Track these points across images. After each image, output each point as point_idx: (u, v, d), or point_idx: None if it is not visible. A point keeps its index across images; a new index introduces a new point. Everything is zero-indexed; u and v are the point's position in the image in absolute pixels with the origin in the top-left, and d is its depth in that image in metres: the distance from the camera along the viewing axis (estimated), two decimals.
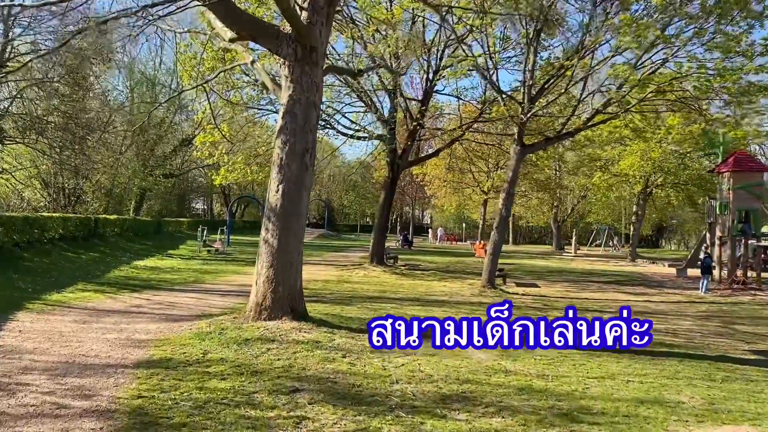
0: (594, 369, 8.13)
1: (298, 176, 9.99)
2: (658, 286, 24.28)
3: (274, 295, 9.74)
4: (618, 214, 57.50)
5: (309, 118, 10.06)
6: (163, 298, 14.06)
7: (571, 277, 26.91)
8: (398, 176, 27.29)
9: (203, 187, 65.96)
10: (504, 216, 18.88)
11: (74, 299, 12.88)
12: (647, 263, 38.56)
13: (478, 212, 49.82)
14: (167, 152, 47.13)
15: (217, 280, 18.93)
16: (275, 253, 9.83)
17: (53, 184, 35.83)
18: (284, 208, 9.89)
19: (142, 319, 10.86)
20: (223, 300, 14.20)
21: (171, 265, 23.23)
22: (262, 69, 11.83)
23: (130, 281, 17.35)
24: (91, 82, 33.66)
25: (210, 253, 29.99)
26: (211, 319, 10.37)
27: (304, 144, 10.01)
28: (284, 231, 9.89)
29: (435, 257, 35.91)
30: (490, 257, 18.91)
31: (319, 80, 10.25)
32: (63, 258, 20.26)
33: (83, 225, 24.42)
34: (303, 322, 9.59)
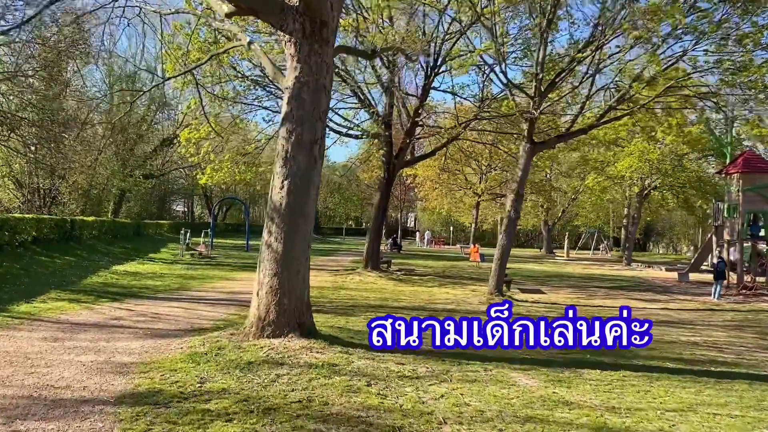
0: (664, 397, 6.90)
1: (306, 171, 8.66)
2: (665, 291, 23.29)
3: (279, 308, 8.39)
4: (606, 218, 56.83)
5: (318, 104, 8.74)
6: (147, 308, 12.61)
7: (572, 282, 25.84)
8: (394, 176, 26.02)
9: (184, 189, 64.20)
10: (513, 218, 17.68)
11: (45, 310, 11.41)
12: (642, 267, 37.73)
13: (470, 215, 48.65)
14: (148, 152, 45.46)
15: (203, 287, 17.49)
16: (280, 259, 8.48)
17: (28, 184, 34.07)
18: (290, 208, 8.55)
19: (124, 334, 9.44)
20: (214, 310, 12.78)
21: (153, 269, 21.72)
22: (262, 51, 10.47)
23: (109, 288, 15.85)
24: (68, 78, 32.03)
25: (193, 257, 28.53)
26: (204, 335, 8.99)
27: (312, 133, 8.69)
28: (290, 234, 8.55)
29: (428, 261, 34.67)
30: (497, 262, 17.70)
31: (330, 60, 8.92)
32: (36, 263, 18.70)
33: (58, 227, 22.84)
34: (312, 340, 8.25)
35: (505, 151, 29.35)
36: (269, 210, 8.73)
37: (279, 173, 8.64)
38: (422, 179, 42.11)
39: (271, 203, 8.69)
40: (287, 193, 8.56)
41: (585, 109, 19.58)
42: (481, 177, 39.59)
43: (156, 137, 47.61)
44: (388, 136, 23.23)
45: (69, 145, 30.83)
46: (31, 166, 32.29)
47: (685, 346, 11.29)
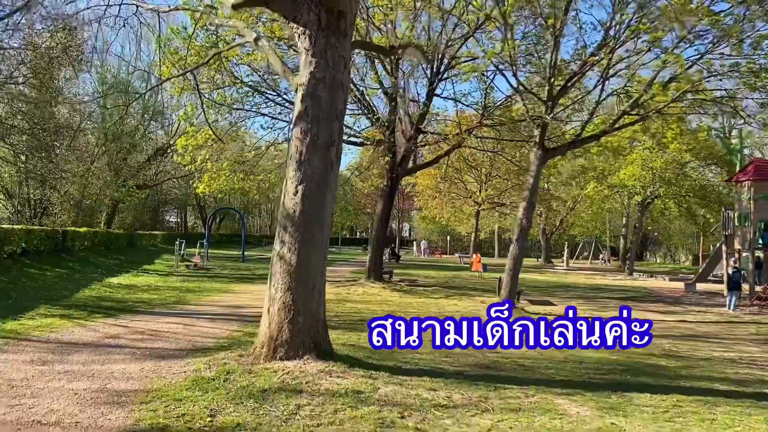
0: (735, 428, 6.13)
1: (322, 175, 7.89)
2: (676, 302, 22.58)
3: (293, 327, 7.59)
4: (603, 227, 56.28)
5: (335, 102, 7.98)
6: (143, 324, 11.77)
7: (579, 293, 25.11)
8: (398, 184, 25.30)
9: (178, 199, 63.27)
10: (525, 227, 16.94)
11: (34, 328, 10.55)
12: (645, 277, 37.07)
13: (470, 224, 47.93)
14: (141, 162, 44.59)
15: (202, 300, 16.64)
16: (293, 272, 7.68)
17: (18, 195, 33.16)
18: (304, 215, 7.77)
19: (120, 355, 8.61)
20: (215, 326, 11.95)
21: (148, 282, 20.85)
22: (270, 47, 9.71)
23: (103, 303, 14.99)
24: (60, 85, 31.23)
25: (188, 268, 27.70)
26: (208, 356, 8.18)
27: (329, 134, 7.93)
28: (304, 244, 7.76)
29: (429, 271, 33.90)
30: (509, 273, 16.95)
31: (347, 55, 8.17)
32: (25, 276, 17.83)
33: (49, 238, 21.96)
34: (330, 362, 7.45)
35: (509, 159, 28.62)
36: (281, 218, 7.95)
37: (292, 178, 7.87)
38: (422, 188, 41.37)
39: (284, 210, 7.91)
40: (301, 199, 7.79)
41: (594, 115, 18.95)
42: (482, 186, 38.85)
43: (150, 146, 46.74)
44: (392, 143, 22.51)
45: (61, 154, 29.98)
46: (21, 175, 31.42)
47: (724, 363, 10.55)
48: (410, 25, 21.05)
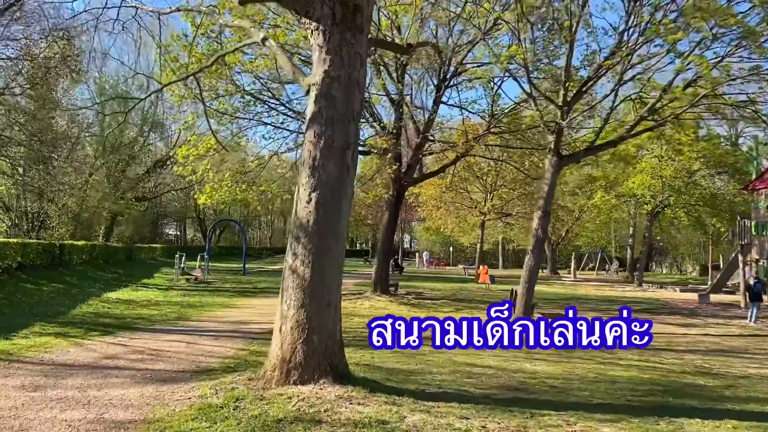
0: None
1: (337, 181, 7.27)
2: (693, 314, 21.91)
3: (307, 348, 6.93)
4: (609, 237, 55.63)
5: (351, 102, 7.37)
6: (143, 342, 11.10)
7: (593, 305, 24.41)
8: (403, 194, 24.69)
9: (177, 212, 62.70)
10: (541, 237, 16.29)
11: (27, 348, 9.87)
12: (655, 288, 36.38)
13: (473, 234, 47.25)
14: (140, 174, 44.05)
15: (204, 316, 15.97)
16: (307, 287, 7.04)
17: (15, 208, 32.50)
18: (319, 225, 7.14)
19: (118, 378, 7.94)
20: (219, 344, 11.28)
21: (147, 296, 20.18)
22: (278, 47, 9.12)
23: (101, 319, 14.32)
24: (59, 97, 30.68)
25: (189, 282, 27.04)
26: (214, 379, 7.51)
27: (344, 137, 7.31)
28: (319, 257, 7.12)
29: (434, 283, 33.20)
30: (524, 285, 16.28)
31: (364, 52, 7.57)
32: (20, 291, 17.19)
33: (46, 252, 21.31)
34: (349, 386, 6.78)
35: (517, 168, 28.01)
36: (294, 228, 7.32)
37: (305, 184, 7.24)
38: (426, 198, 40.75)
39: (297, 220, 7.27)
40: (315, 207, 7.16)
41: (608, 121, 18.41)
42: (487, 195, 38.22)
43: (149, 158, 46.21)
44: (398, 152, 21.92)
45: (59, 166, 29.39)
46: (18, 188, 30.81)
47: (764, 382, 9.87)
48: (417, 31, 20.64)
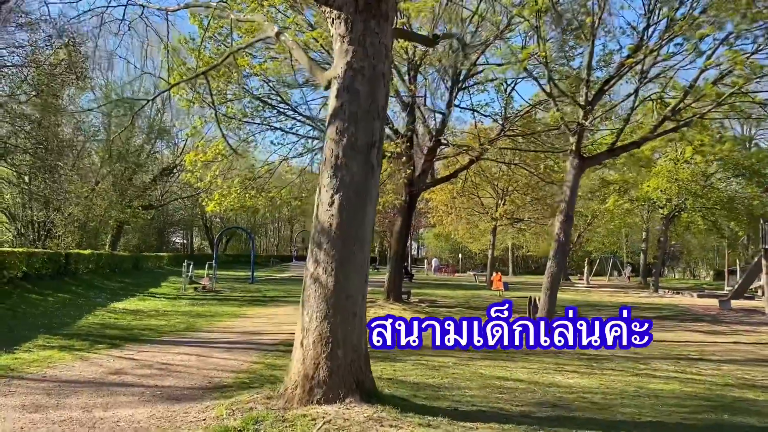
0: None
1: (362, 182, 6.70)
2: (717, 321, 21.23)
3: (332, 363, 6.34)
4: (620, 242, 54.81)
5: (376, 97, 6.81)
6: (152, 355, 10.54)
7: (611, 312, 23.68)
8: (416, 200, 24.13)
9: (184, 220, 62.27)
10: (563, 242, 15.71)
11: (29, 363, 9.32)
12: (671, 293, 35.58)
13: (483, 241, 46.55)
14: (147, 182, 43.63)
15: (214, 326, 15.42)
16: (330, 297, 6.46)
17: (21, 217, 32.11)
18: (342, 230, 6.56)
19: (126, 396, 7.38)
20: (232, 357, 10.70)
21: (155, 306, 19.65)
22: (293, 41, 8.57)
23: (107, 330, 13.79)
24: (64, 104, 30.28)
25: (197, 291, 26.53)
26: (229, 397, 6.94)
27: (369, 134, 6.75)
28: (343, 264, 6.54)
29: (445, 291, 32.61)
30: (546, 292, 15.70)
31: (389, 42, 7.01)
32: (25, 301, 16.68)
33: (52, 261, 20.82)
34: (378, 406, 6.17)
35: (531, 172, 27.39)
36: (315, 233, 6.74)
37: (327, 186, 6.67)
38: (436, 204, 40.11)
39: (318, 225, 6.70)
40: (338, 210, 6.58)
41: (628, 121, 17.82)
42: (499, 201, 37.55)
43: (155, 167, 45.82)
44: (411, 156, 21.36)
45: (65, 174, 28.99)
46: (24, 197, 30.44)
47: None
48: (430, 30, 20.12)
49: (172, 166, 45.34)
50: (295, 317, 18.05)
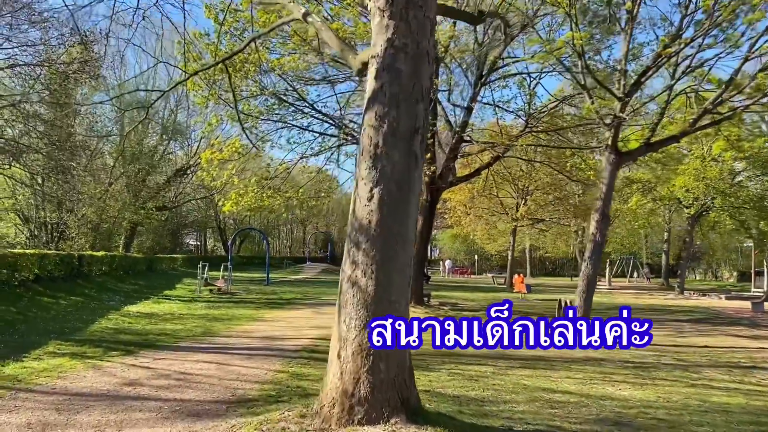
0: None
1: (404, 173, 5.95)
2: (754, 325, 20.28)
3: (374, 378, 5.61)
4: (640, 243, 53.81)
5: (420, 77, 6.07)
6: (169, 363, 9.85)
7: (640, 315, 22.83)
8: (438, 199, 23.35)
9: (198, 222, 61.84)
10: (599, 242, 14.88)
11: (38, 373, 8.66)
12: (697, 295, 34.55)
13: (501, 241, 45.71)
14: (160, 183, 43.15)
15: (232, 331, 14.72)
16: (371, 303, 5.73)
17: (34, 219, 31.70)
18: (383, 227, 5.82)
19: (142, 412, 6.68)
20: (254, 365, 9.98)
21: (170, 309, 19.02)
22: (322, 23, 7.86)
23: (121, 336, 13.12)
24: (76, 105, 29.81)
25: (212, 293, 25.89)
26: (257, 415, 6.22)
27: (412, 119, 6.01)
28: (384, 265, 5.81)
29: (464, 293, 31.78)
30: (582, 295, 14.90)
31: (433, 15, 6.27)
32: (36, 305, 16.12)
33: (64, 263, 20.32)
34: (428, 427, 5.44)
35: (557, 170, 26.52)
36: (353, 232, 6.00)
37: (366, 178, 5.92)
38: (454, 204, 39.31)
39: (356, 222, 5.96)
40: (378, 205, 5.84)
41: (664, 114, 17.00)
42: (520, 200, 36.68)
43: (169, 167, 45.37)
44: (433, 153, 20.61)
45: (78, 175, 28.50)
46: (37, 198, 30.03)
47: None
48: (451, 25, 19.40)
49: (186, 167, 44.87)
50: (315, 320, 17.37)
